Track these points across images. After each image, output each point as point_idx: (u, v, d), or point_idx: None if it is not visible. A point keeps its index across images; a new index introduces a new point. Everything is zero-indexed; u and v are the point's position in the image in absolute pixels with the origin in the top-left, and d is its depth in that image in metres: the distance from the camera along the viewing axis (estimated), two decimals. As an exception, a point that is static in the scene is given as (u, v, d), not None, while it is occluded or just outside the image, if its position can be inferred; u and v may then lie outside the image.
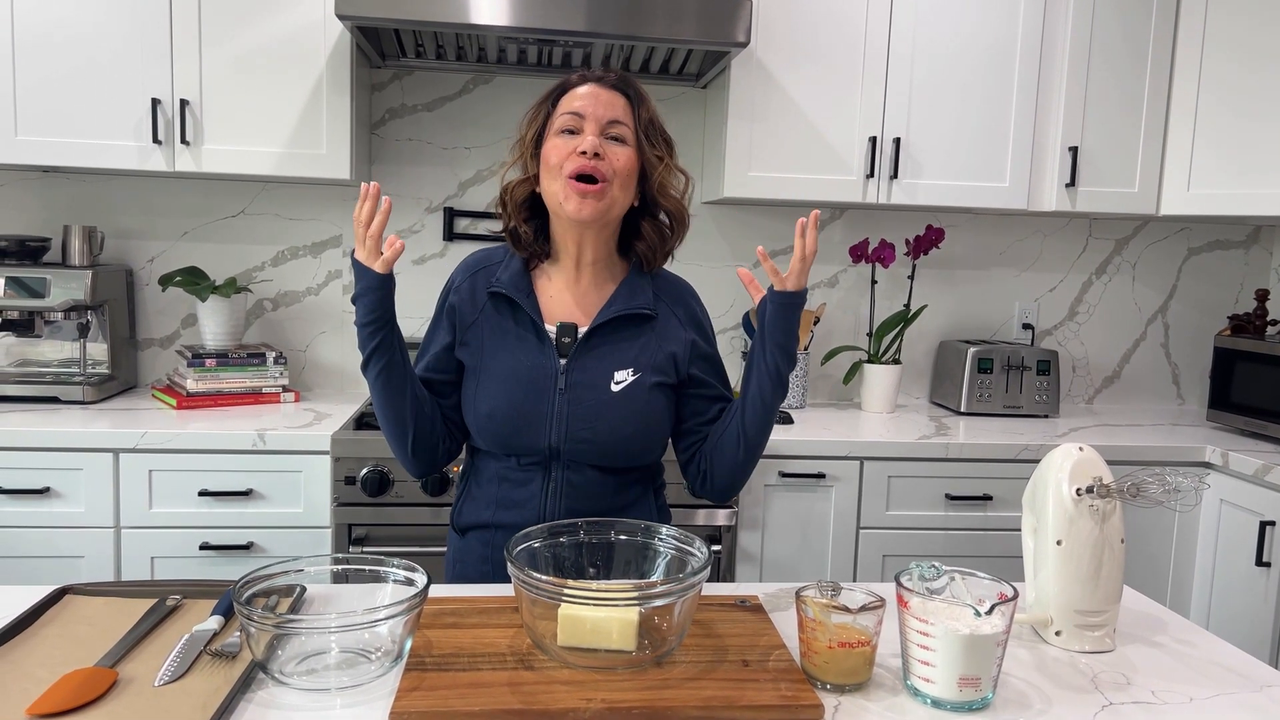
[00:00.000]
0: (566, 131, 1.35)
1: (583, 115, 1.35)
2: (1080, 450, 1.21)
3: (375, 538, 2.16)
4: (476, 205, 2.80)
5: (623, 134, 1.36)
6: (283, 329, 2.79)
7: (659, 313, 1.44)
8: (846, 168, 2.56)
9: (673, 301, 1.47)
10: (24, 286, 2.39)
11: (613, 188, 1.35)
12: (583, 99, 1.36)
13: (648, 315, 1.42)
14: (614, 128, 1.36)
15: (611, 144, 1.35)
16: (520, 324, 1.41)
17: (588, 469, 1.40)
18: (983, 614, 0.99)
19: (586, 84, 1.38)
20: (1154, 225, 3.06)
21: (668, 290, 1.47)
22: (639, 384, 1.39)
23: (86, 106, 2.33)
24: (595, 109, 1.35)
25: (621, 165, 1.35)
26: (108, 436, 2.14)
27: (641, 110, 1.39)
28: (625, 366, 1.39)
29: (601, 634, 1.03)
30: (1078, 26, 2.57)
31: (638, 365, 1.40)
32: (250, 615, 0.97)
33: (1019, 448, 2.38)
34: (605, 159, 1.33)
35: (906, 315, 2.77)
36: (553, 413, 1.37)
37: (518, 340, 1.41)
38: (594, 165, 1.32)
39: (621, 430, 1.38)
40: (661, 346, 1.42)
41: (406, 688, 0.98)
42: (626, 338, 1.41)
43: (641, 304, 1.42)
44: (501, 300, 1.43)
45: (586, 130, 1.34)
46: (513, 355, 1.39)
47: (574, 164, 1.33)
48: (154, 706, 0.94)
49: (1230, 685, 1.09)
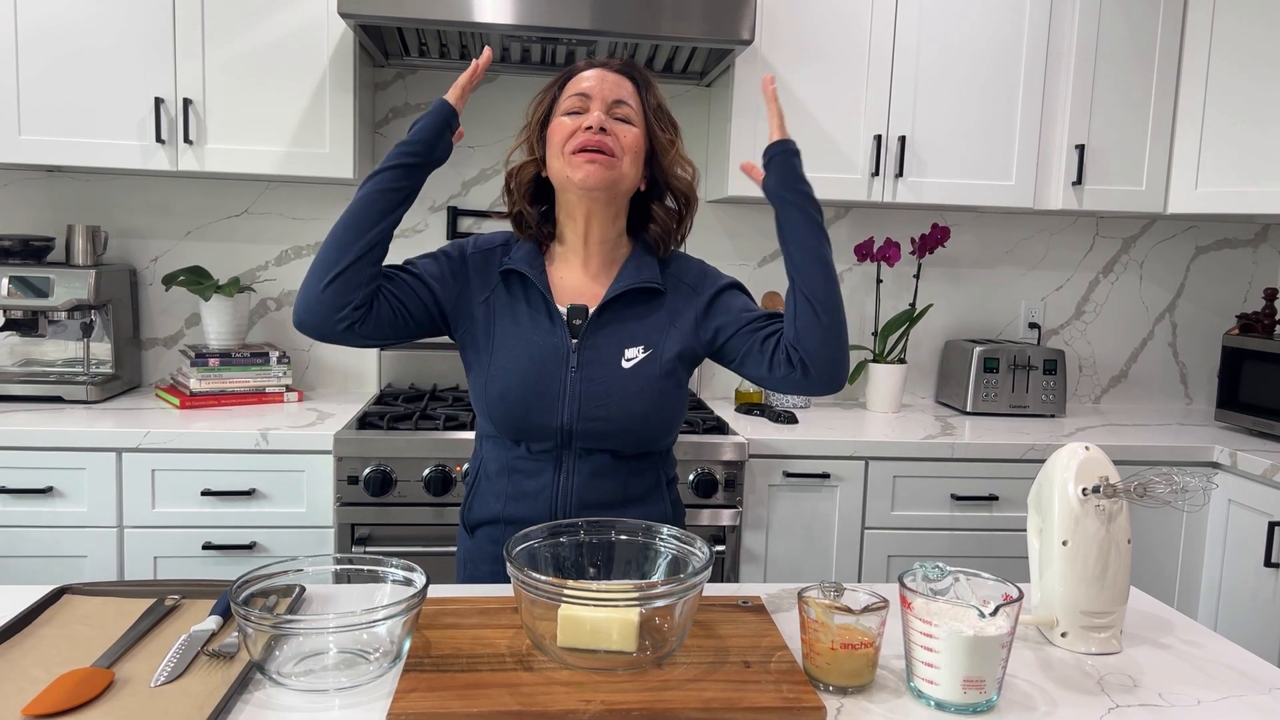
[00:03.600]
0: (573, 113, 1.36)
1: (589, 96, 1.36)
2: (1086, 450, 1.20)
3: (378, 537, 2.16)
4: (480, 204, 2.79)
5: (629, 114, 1.37)
6: (286, 328, 2.79)
7: (668, 287, 1.43)
8: (851, 166, 2.55)
9: (681, 272, 1.46)
10: (28, 286, 2.39)
11: (621, 162, 1.36)
12: (589, 81, 1.37)
13: (657, 291, 1.42)
14: (620, 108, 1.36)
15: (618, 123, 1.36)
16: (532, 304, 1.41)
17: (600, 455, 1.39)
18: (987, 615, 0.98)
19: (593, 68, 1.39)
20: (1161, 224, 3.04)
21: (677, 266, 1.47)
22: (650, 360, 1.39)
23: (90, 106, 2.33)
24: (602, 89, 1.36)
25: (629, 142, 1.36)
26: (111, 436, 2.14)
27: (649, 94, 1.40)
28: (636, 344, 1.39)
29: (601, 635, 1.02)
30: (1084, 23, 2.56)
31: (649, 342, 1.40)
32: (247, 616, 0.96)
33: (1025, 447, 2.37)
34: (612, 135, 1.34)
35: (912, 314, 2.76)
36: (565, 392, 1.36)
37: (530, 320, 1.40)
38: (600, 140, 1.33)
39: (633, 407, 1.37)
40: (674, 322, 1.41)
41: (405, 689, 0.97)
42: (637, 315, 1.41)
43: (648, 278, 1.41)
44: (513, 279, 1.42)
45: (592, 109, 1.35)
46: (525, 336, 1.39)
47: (579, 139, 1.33)
48: (150, 707, 0.93)
49: (1239, 687, 1.08)
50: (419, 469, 2.15)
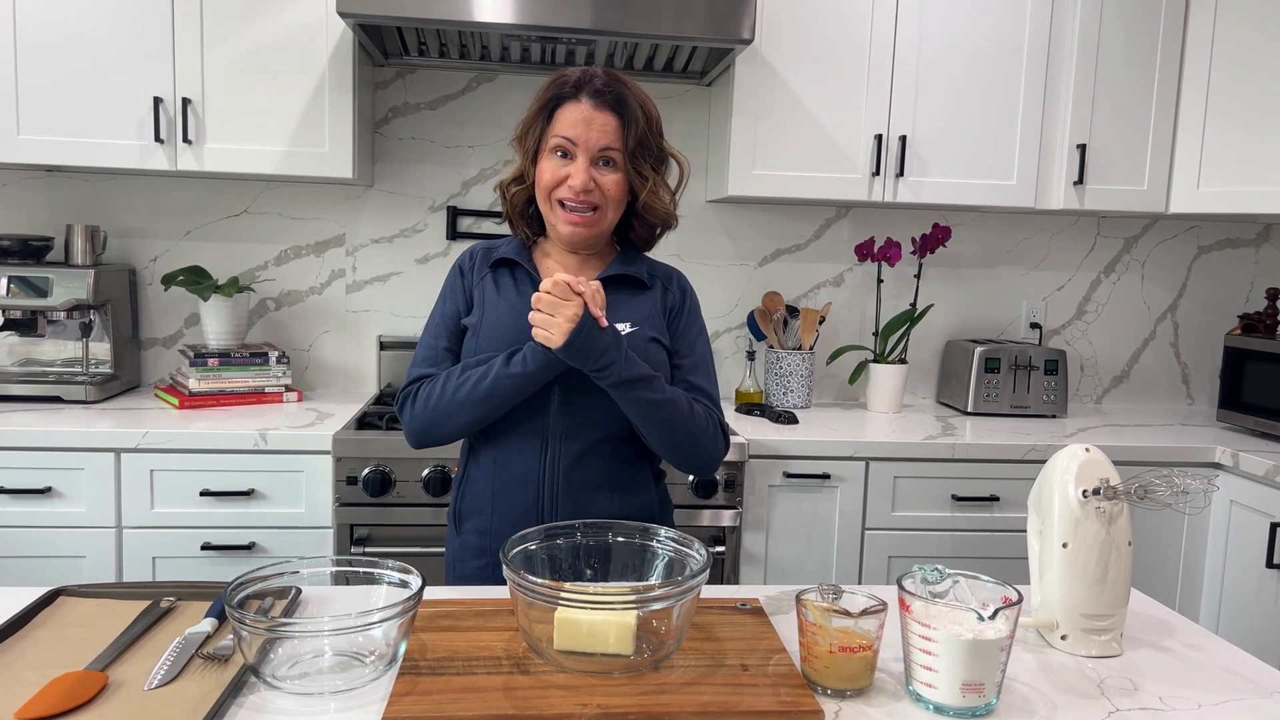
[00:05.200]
0: (560, 153, 1.41)
1: (575, 142, 1.39)
2: (1087, 451, 1.19)
3: (377, 538, 2.15)
4: (480, 204, 2.79)
5: (614, 158, 1.41)
6: (285, 328, 2.79)
7: (653, 285, 1.51)
8: (852, 166, 2.54)
9: (665, 278, 1.54)
10: (27, 285, 2.39)
11: (605, 213, 1.43)
12: (576, 125, 1.39)
13: (644, 284, 1.49)
14: (605, 153, 1.40)
15: (602, 170, 1.41)
16: (520, 284, 1.47)
17: (585, 436, 1.42)
18: (986, 618, 0.97)
19: (581, 100, 1.40)
20: (1163, 223, 3.03)
21: (660, 270, 1.55)
22: (638, 335, 1.43)
23: (89, 106, 2.32)
24: (587, 136, 1.39)
25: (612, 193, 1.41)
26: (110, 436, 2.13)
27: (630, 134, 1.40)
28: (623, 320, 1.43)
29: (598, 638, 1.02)
30: (1086, 23, 2.55)
31: (636, 320, 1.45)
32: (242, 619, 0.96)
33: (1026, 448, 2.36)
34: (596, 188, 1.40)
35: (913, 314, 2.75)
36: None
37: (519, 296, 1.45)
38: (585, 200, 1.40)
39: None
40: (655, 312, 1.48)
41: (400, 692, 0.96)
42: (624, 299, 1.46)
43: (637, 271, 1.49)
44: (503, 268, 1.50)
45: (578, 159, 1.39)
46: (513, 309, 1.44)
47: (563, 193, 1.40)
48: (143, 711, 0.92)
49: (1240, 691, 1.07)
50: (418, 469, 2.14)
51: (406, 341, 2.75)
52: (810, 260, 2.93)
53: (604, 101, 1.39)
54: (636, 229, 1.52)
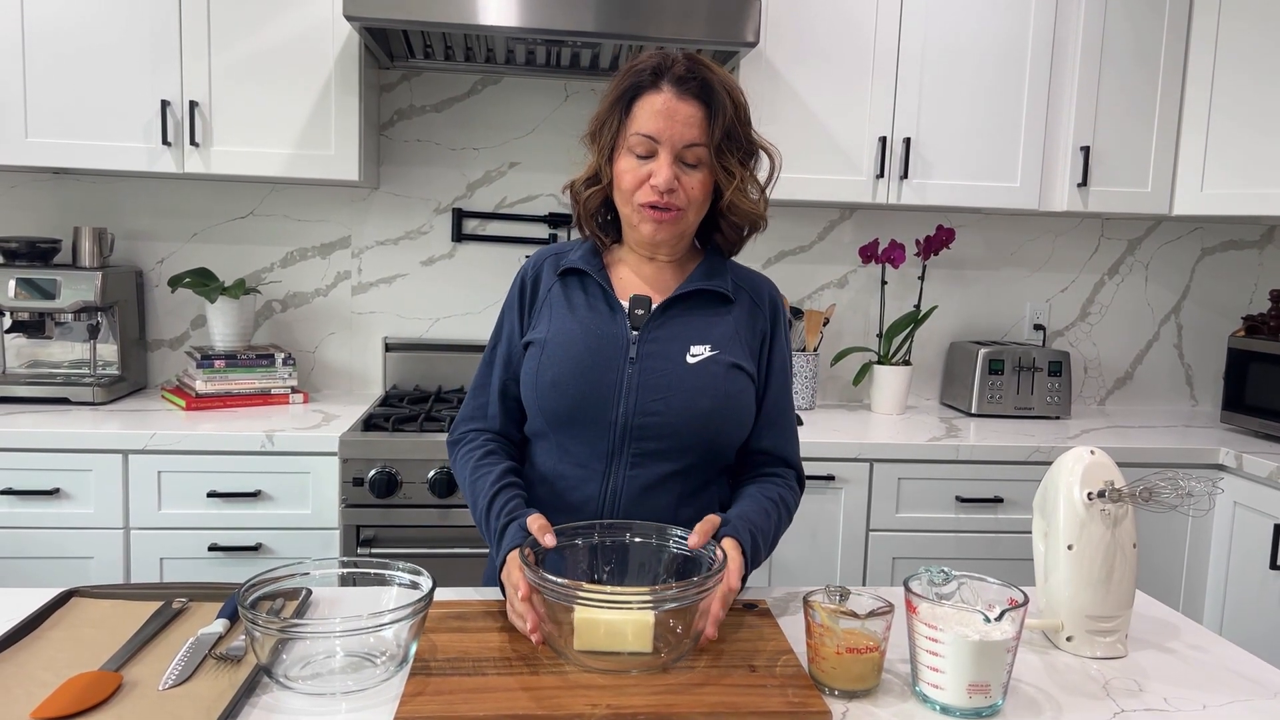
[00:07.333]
0: (641, 154, 1.27)
1: (657, 140, 1.25)
2: (1091, 454, 1.20)
3: (383, 539, 2.16)
4: (485, 206, 2.80)
5: (699, 156, 1.27)
6: (291, 330, 2.80)
7: (739, 300, 1.37)
8: (856, 168, 2.55)
9: (754, 291, 1.39)
10: (35, 288, 2.40)
11: (687, 214, 1.29)
12: (657, 118, 1.25)
13: (726, 298, 1.35)
14: (689, 151, 1.26)
15: (686, 171, 1.27)
16: (590, 296, 1.35)
17: (653, 467, 1.29)
18: (992, 619, 0.98)
19: (662, 89, 1.26)
20: (1167, 225, 3.03)
21: (747, 281, 1.40)
22: (717, 360, 1.30)
23: (96, 108, 2.33)
24: (671, 131, 1.25)
25: (695, 194, 1.28)
26: (117, 438, 2.14)
27: (716, 125, 1.27)
28: (702, 342, 1.31)
29: (617, 637, 1.03)
30: (1089, 25, 2.55)
31: (716, 343, 1.31)
32: (255, 619, 0.97)
33: (1030, 449, 2.37)
34: (679, 190, 1.26)
35: (917, 316, 2.76)
36: (621, 383, 1.28)
37: (588, 310, 1.33)
38: (669, 200, 1.26)
39: (697, 404, 1.28)
40: (739, 333, 1.34)
41: (411, 692, 0.97)
42: (704, 317, 1.33)
43: (720, 284, 1.35)
44: (571, 277, 1.37)
45: (661, 158, 1.25)
46: (581, 324, 1.32)
47: (647, 195, 1.27)
48: (158, 710, 0.93)
49: (1244, 692, 1.08)
50: (424, 471, 2.15)
51: (412, 343, 2.76)
52: (814, 262, 2.93)
53: (687, 90, 1.25)
54: (723, 230, 1.36)
